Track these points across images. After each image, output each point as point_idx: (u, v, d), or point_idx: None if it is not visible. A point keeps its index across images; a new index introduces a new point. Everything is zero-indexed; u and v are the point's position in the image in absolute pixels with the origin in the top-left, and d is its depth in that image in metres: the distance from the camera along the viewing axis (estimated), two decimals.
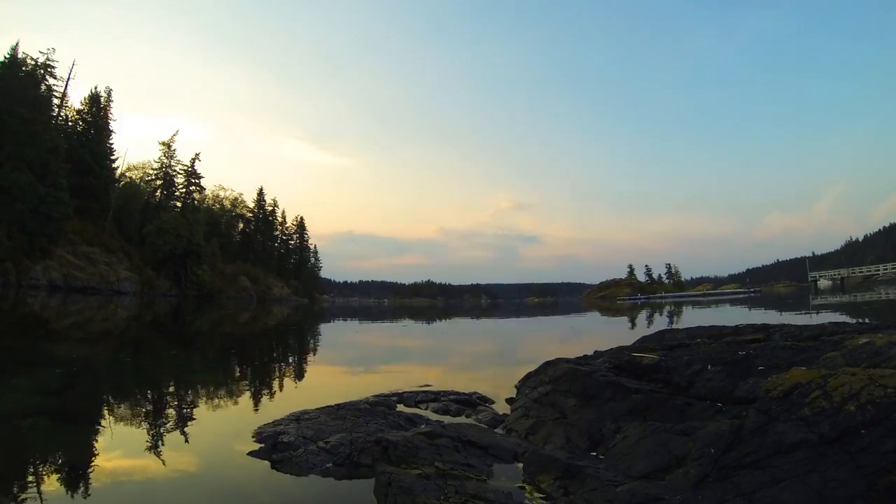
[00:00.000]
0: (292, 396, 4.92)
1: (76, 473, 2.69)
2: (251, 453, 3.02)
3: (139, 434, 3.45)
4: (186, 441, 3.38)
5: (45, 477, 2.60)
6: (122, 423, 3.74)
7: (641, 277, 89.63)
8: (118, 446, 3.16)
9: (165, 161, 48.76)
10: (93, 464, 2.85)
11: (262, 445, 3.11)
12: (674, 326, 9.41)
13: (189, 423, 3.83)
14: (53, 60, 36.55)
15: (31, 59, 34.60)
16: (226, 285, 49.23)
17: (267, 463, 2.88)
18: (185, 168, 49.35)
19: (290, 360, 8.59)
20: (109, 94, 42.54)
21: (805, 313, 16.47)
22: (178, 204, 48.41)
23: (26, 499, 2.33)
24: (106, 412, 4.15)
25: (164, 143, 48.79)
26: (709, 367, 3.48)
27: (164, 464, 2.90)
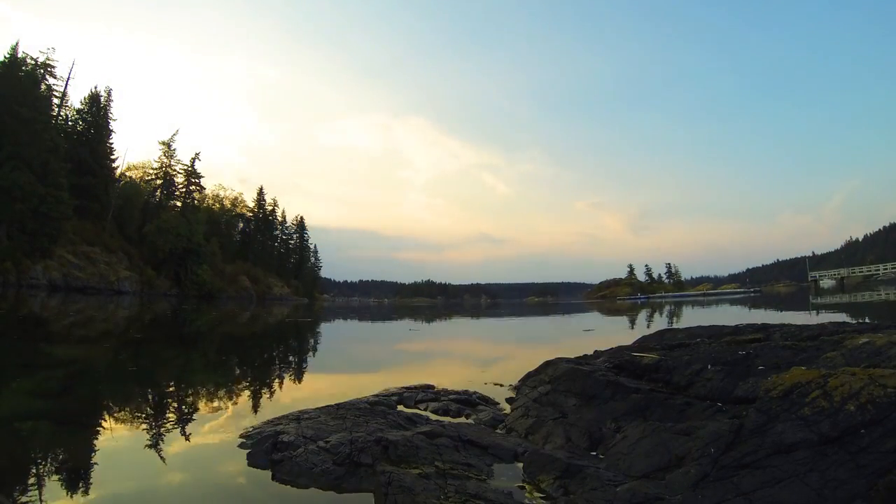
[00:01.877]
0: (292, 396, 4.92)
1: (77, 477, 2.68)
2: (251, 453, 3.02)
3: (139, 436, 3.44)
4: (187, 442, 3.38)
5: (47, 481, 2.59)
6: (122, 426, 3.74)
7: (641, 277, 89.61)
8: (119, 449, 3.16)
9: (165, 161, 48.75)
10: (94, 468, 2.84)
11: (262, 445, 3.11)
12: (674, 326, 9.40)
13: (189, 424, 3.82)
14: (53, 60, 36.60)
15: (31, 58, 34.61)
16: (226, 285, 49.21)
17: (267, 463, 2.88)
18: (185, 168, 49.35)
19: (290, 360, 8.59)
20: (109, 94, 42.54)
21: (805, 313, 16.48)
22: (178, 203, 48.39)
23: (27, 501, 2.34)
24: (106, 415, 4.14)
25: (163, 143, 48.78)
26: (709, 366, 3.48)
27: (164, 464, 2.90)
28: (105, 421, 3.89)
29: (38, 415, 3.72)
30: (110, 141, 42.11)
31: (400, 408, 4.33)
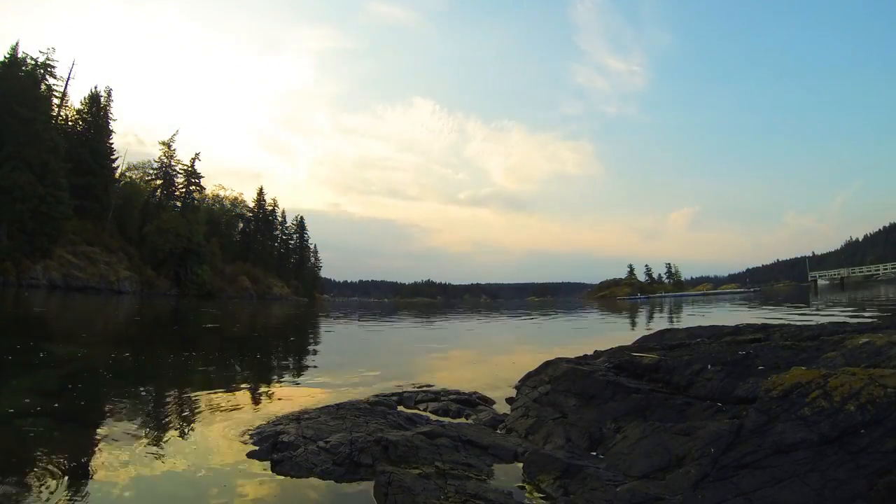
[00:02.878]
0: (292, 396, 4.92)
1: (76, 474, 2.69)
2: (251, 453, 3.02)
3: (139, 435, 3.44)
4: (186, 441, 3.38)
5: (46, 478, 2.59)
6: (121, 424, 3.74)
7: (641, 277, 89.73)
8: (118, 447, 3.16)
9: (165, 161, 48.77)
10: (93, 465, 2.85)
11: (263, 445, 3.11)
12: (674, 326, 9.41)
13: (188, 424, 3.82)
14: (53, 60, 36.65)
15: (31, 58, 34.65)
16: (226, 285, 49.23)
17: (267, 463, 2.88)
18: (185, 168, 49.38)
19: (290, 360, 8.59)
20: (109, 94, 42.54)
21: (805, 313, 16.48)
22: (178, 203, 48.42)
23: (27, 499, 2.33)
24: (106, 413, 4.13)
25: (164, 143, 48.80)
26: (709, 366, 3.48)
27: (163, 464, 2.90)
28: (105, 419, 3.88)
29: (38, 413, 3.72)
30: (110, 141, 42.14)
31: (400, 408, 4.33)
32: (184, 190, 49.44)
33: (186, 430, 3.63)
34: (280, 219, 70.64)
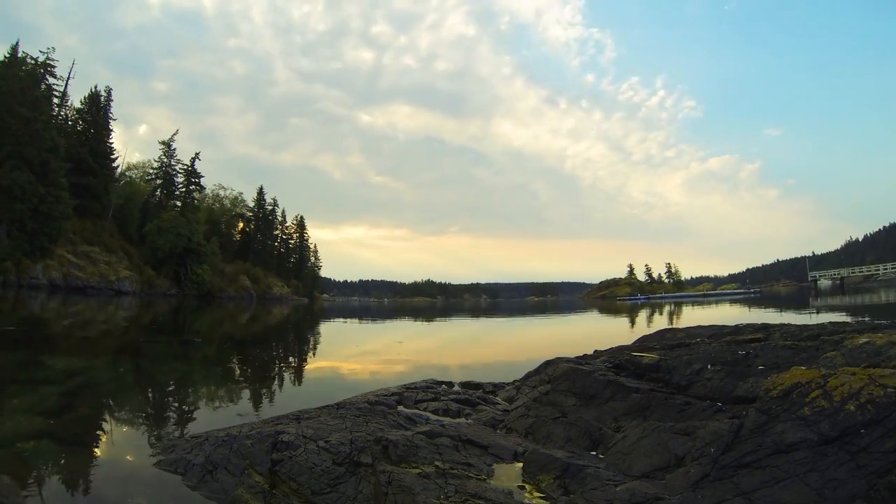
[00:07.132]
0: (292, 395, 4.92)
1: (82, 499, 2.64)
2: (251, 453, 3.01)
3: (143, 451, 3.35)
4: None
5: None
6: (125, 439, 3.65)
7: (641, 277, 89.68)
8: (121, 460, 3.12)
9: (165, 160, 48.77)
10: (98, 484, 2.80)
11: (263, 445, 3.11)
12: (674, 326, 9.41)
13: (189, 425, 3.82)
14: (53, 60, 36.63)
15: (31, 58, 34.62)
16: (226, 285, 49.21)
17: (267, 462, 2.88)
18: (185, 167, 49.37)
19: (290, 360, 8.59)
20: (109, 94, 42.52)
21: (805, 313, 16.48)
22: (178, 203, 48.39)
23: None
24: (109, 432, 3.97)
25: (163, 143, 48.80)
26: (709, 366, 3.48)
27: (167, 478, 2.89)
28: (107, 439, 3.74)
29: (40, 434, 3.57)
30: (110, 140, 42.12)
31: (400, 407, 4.33)
32: (184, 190, 49.41)
33: (187, 432, 3.62)
34: (280, 218, 70.67)
